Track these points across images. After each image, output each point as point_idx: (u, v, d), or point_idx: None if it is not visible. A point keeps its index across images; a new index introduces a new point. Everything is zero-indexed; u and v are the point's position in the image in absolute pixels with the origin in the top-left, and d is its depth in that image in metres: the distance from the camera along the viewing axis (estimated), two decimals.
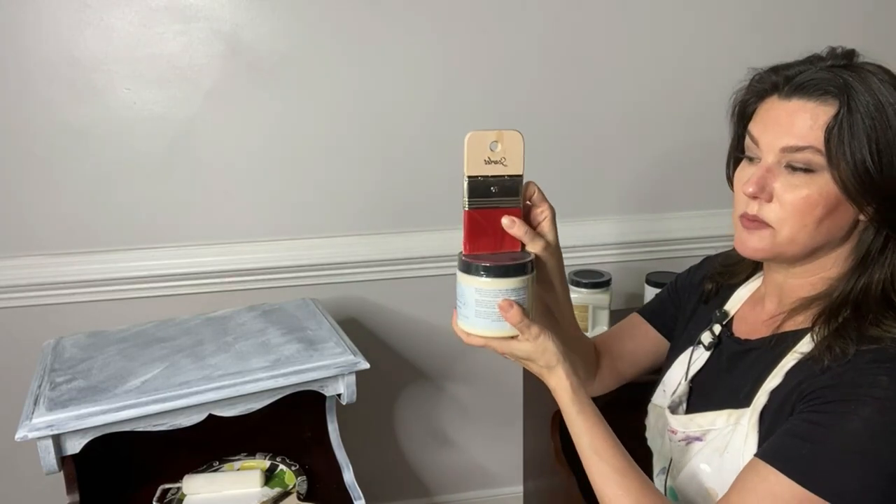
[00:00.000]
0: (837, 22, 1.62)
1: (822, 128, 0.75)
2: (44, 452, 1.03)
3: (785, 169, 0.78)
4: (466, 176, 0.78)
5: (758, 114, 0.82)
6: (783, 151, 0.77)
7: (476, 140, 0.77)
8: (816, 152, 0.75)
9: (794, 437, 0.73)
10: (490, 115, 1.54)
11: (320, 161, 1.50)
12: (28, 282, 1.43)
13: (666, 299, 1.09)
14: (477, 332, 0.78)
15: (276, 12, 1.40)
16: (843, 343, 0.75)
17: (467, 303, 0.78)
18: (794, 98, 0.77)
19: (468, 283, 0.77)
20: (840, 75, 0.76)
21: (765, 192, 0.78)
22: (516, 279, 0.76)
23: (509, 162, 0.79)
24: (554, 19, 1.50)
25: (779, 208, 0.78)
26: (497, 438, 1.78)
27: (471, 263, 0.77)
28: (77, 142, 1.39)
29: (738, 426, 0.82)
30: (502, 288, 0.76)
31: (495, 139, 0.78)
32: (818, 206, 0.77)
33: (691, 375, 0.94)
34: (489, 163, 0.78)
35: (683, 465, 0.88)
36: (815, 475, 0.70)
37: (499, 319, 0.77)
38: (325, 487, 1.23)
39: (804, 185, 0.76)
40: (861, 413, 0.70)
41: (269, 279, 1.53)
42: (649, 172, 1.66)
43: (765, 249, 0.81)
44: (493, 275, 0.76)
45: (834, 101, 0.75)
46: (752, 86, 0.85)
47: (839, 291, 0.80)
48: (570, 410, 0.81)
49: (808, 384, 0.76)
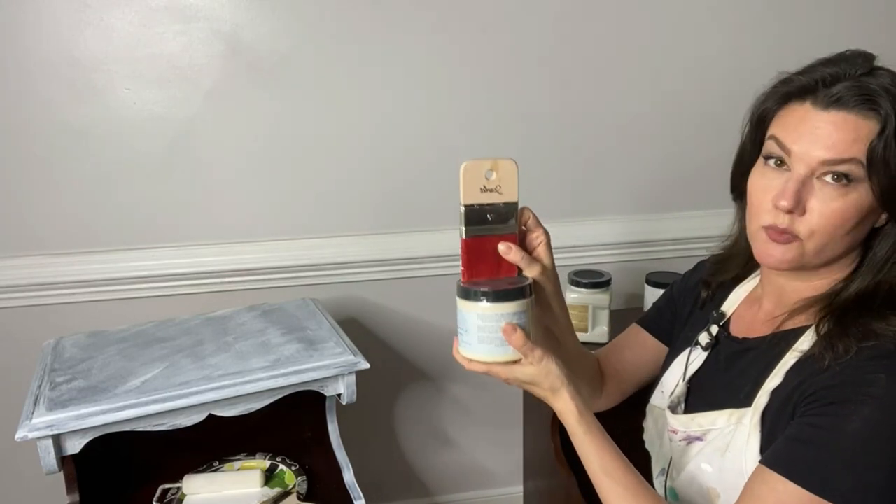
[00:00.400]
0: (838, 22, 1.62)
1: (865, 140, 0.74)
2: (44, 452, 1.03)
3: (817, 181, 0.77)
4: (463, 205, 0.78)
5: (785, 118, 0.81)
6: (822, 164, 0.76)
7: (471, 169, 0.78)
8: (858, 164, 0.75)
9: (799, 443, 0.73)
10: (490, 115, 1.54)
11: (320, 161, 1.50)
12: (28, 282, 1.43)
13: (663, 307, 1.09)
14: (480, 359, 0.79)
15: (276, 12, 1.40)
16: (846, 340, 0.75)
17: (469, 329, 0.78)
18: (833, 109, 0.76)
19: (469, 309, 0.77)
20: (873, 86, 0.75)
21: (800, 207, 0.78)
22: (518, 303, 0.77)
23: (504, 189, 0.80)
24: (554, 20, 1.50)
25: (813, 221, 0.78)
26: (497, 438, 1.78)
27: (470, 289, 0.77)
28: (77, 142, 1.39)
29: (739, 426, 0.82)
30: (504, 312, 0.77)
31: (490, 168, 0.78)
32: (851, 218, 0.77)
33: (689, 376, 0.94)
34: (485, 191, 0.79)
35: (684, 466, 0.88)
36: (821, 480, 0.71)
37: (502, 344, 0.77)
38: (325, 487, 1.23)
39: (839, 198, 0.76)
40: (861, 413, 0.70)
41: (269, 279, 1.53)
42: (649, 172, 1.66)
43: (791, 261, 0.80)
44: (495, 299, 0.76)
45: (875, 114, 0.75)
46: (776, 89, 0.83)
47: (849, 292, 0.80)
48: (577, 432, 0.81)
49: (808, 384, 0.76)
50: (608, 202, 1.66)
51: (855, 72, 0.77)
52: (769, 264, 0.82)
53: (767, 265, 0.83)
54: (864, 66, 0.78)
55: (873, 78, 0.76)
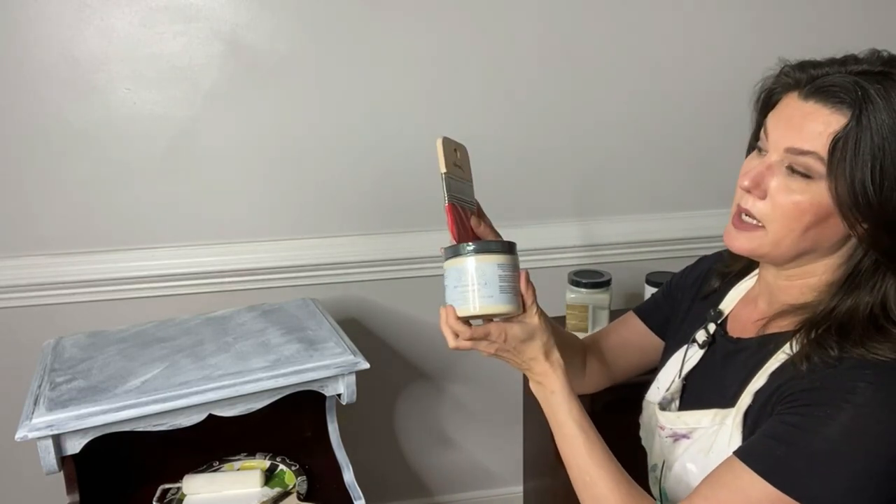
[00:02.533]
0: (838, 23, 1.62)
1: (830, 136, 0.72)
2: (44, 452, 1.03)
3: (785, 169, 0.76)
4: (443, 173, 0.84)
5: (777, 107, 0.80)
6: (787, 152, 0.76)
7: (446, 144, 0.86)
8: (818, 160, 0.73)
9: (771, 439, 0.74)
10: (491, 115, 1.54)
11: (320, 161, 1.50)
12: (28, 282, 1.43)
13: (661, 299, 1.09)
14: (502, 310, 0.81)
15: (276, 12, 1.40)
16: (823, 354, 0.74)
17: (488, 282, 0.80)
18: (811, 100, 0.75)
19: (490, 260, 0.80)
20: (862, 85, 0.72)
21: (759, 189, 0.78)
22: (516, 255, 0.82)
23: (465, 169, 0.89)
24: (554, 18, 1.50)
25: (770, 208, 0.77)
26: (497, 438, 1.78)
27: (489, 242, 0.83)
28: (77, 142, 1.39)
29: (722, 426, 0.83)
30: (517, 262, 0.82)
31: (455, 148, 0.87)
32: (807, 214, 0.75)
33: (685, 373, 0.94)
34: (455, 166, 0.86)
35: (672, 464, 0.89)
36: (788, 477, 0.71)
37: (517, 294, 0.81)
38: (325, 487, 1.23)
39: (798, 191, 0.75)
40: (838, 418, 0.70)
41: (269, 279, 1.53)
42: (650, 172, 1.66)
43: (750, 250, 0.81)
44: (510, 251, 0.81)
45: (848, 111, 0.72)
46: (779, 77, 0.82)
47: (823, 307, 0.79)
48: (563, 390, 0.84)
49: (787, 386, 0.76)
50: (608, 202, 1.66)
51: (858, 69, 0.75)
52: (730, 247, 0.83)
53: (730, 248, 0.84)
54: (877, 65, 0.74)
55: (875, 78, 0.73)
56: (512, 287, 0.81)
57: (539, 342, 0.83)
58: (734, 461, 0.75)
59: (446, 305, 0.82)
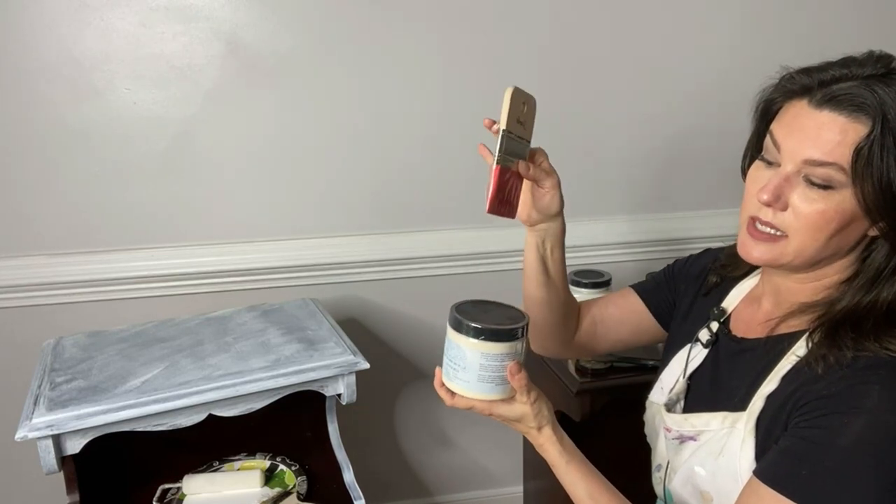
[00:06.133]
0: (838, 23, 1.62)
1: (851, 146, 0.72)
2: (44, 452, 1.03)
3: (803, 180, 0.76)
4: (504, 130, 0.75)
5: (783, 115, 0.80)
6: (805, 163, 0.75)
7: (517, 96, 0.75)
8: (840, 170, 0.73)
9: (792, 457, 0.73)
10: (490, 115, 1.53)
11: (320, 161, 1.50)
12: (28, 282, 1.43)
13: (661, 281, 1.08)
14: (477, 397, 0.78)
15: (276, 12, 1.40)
16: (839, 353, 0.74)
17: (468, 367, 0.76)
18: (826, 109, 0.74)
19: (473, 347, 0.75)
20: (876, 90, 0.73)
21: (780, 202, 0.77)
22: (519, 341, 0.76)
23: (528, 126, 0.79)
24: (554, 19, 1.50)
25: (793, 218, 0.77)
26: (497, 438, 1.78)
27: (472, 327, 0.74)
28: (77, 142, 1.39)
29: (733, 430, 0.82)
30: (509, 352, 0.76)
31: (524, 101, 0.77)
32: (833, 222, 0.75)
33: (689, 373, 0.94)
34: (518, 123, 0.77)
35: (678, 466, 0.88)
36: (814, 497, 0.70)
37: (502, 383, 0.77)
38: (325, 487, 1.23)
39: (821, 200, 0.75)
40: (854, 426, 0.70)
41: (269, 279, 1.53)
42: (650, 172, 1.66)
43: (769, 260, 0.80)
44: (497, 339, 0.74)
45: (867, 119, 0.72)
46: (781, 85, 0.82)
47: (842, 305, 0.79)
48: (560, 463, 0.83)
49: (802, 392, 0.76)
50: (609, 202, 1.66)
51: (863, 73, 0.75)
52: (748, 259, 0.82)
53: (747, 259, 0.83)
54: (877, 68, 0.75)
55: (881, 81, 0.73)
56: (494, 377, 0.76)
57: (529, 424, 0.82)
58: (759, 486, 0.74)
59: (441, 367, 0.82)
